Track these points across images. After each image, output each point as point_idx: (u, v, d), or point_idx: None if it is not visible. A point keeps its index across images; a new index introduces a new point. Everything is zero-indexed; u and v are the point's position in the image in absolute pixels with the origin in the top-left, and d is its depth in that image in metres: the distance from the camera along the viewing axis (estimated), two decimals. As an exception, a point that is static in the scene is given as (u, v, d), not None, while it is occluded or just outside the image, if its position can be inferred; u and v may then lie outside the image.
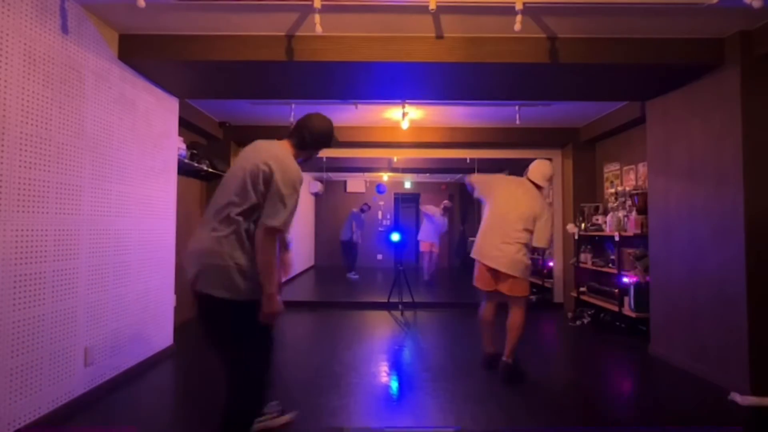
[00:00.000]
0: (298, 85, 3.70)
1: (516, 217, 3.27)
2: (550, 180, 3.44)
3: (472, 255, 3.45)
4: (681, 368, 3.51)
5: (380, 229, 11.44)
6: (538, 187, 3.40)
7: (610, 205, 5.21)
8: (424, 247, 8.45)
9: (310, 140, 2.06)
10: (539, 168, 3.45)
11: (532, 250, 3.38)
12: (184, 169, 4.60)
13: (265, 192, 1.83)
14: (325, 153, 6.41)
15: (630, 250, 4.62)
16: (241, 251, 1.83)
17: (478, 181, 3.60)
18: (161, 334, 3.75)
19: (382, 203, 11.66)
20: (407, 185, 11.25)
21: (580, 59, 3.10)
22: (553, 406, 2.86)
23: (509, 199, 3.35)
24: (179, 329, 4.13)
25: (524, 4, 2.58)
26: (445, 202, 8.58)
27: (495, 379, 3.26)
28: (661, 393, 3.09)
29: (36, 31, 2.39)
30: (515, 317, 3.27)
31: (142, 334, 3.45)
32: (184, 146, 4.44)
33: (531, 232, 3.28)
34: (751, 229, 2.97)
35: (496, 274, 3.29)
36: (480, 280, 3.42)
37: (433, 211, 8.41)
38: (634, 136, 4.95)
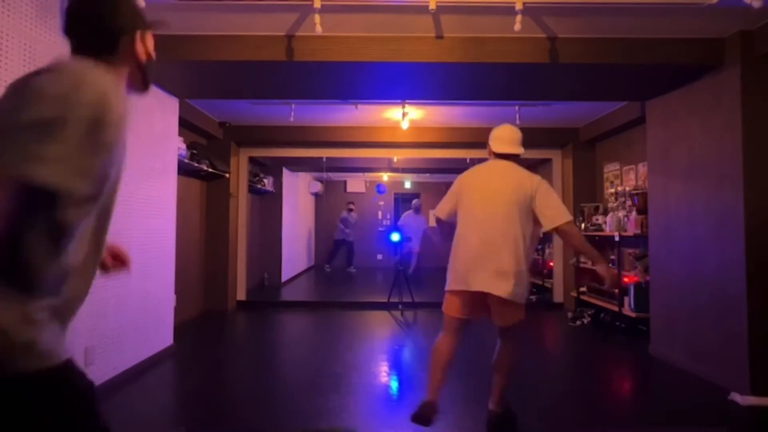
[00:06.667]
0: (298, 85, 3.70)
1: (505, 211, 2.29)
2: (521, 142, 2.48)
3: (449, 288, 2.45)
4: (681, 368, 3.50)
5: (380, 229, 11.44)
6: (514, 157, 2.47)
7: (610, 205, 5.21)
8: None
9: (105, 23, 1.02)
10: (503, 134, 2.48)
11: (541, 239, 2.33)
12: (184, 169, 4.60)
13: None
14: (325, 153, 6.49)
15: (630, 250, 4.62)
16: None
17: (442, 206, 2.58)
18: (161, 334, 3.75)
19: (382, 203, 11.66)
20: (407, 185, 11.25)
21: (580, 59, 3.10)
22: (553, 406, 2.86)
23: (486, 192, 2.37)
24: (179, 329, 4.13)
25: (524, 4, 2.58)
26: (414, 201, 9.05)
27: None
28: (661, 393, 3.09)
29: (36, 30, 2.39)
30: (510, 352, 2.43)
31: (142, 334, 3.45)
32: (184, 146, 4.44)
33: (533, 221, 2.36)
34: (751, 229, 2.96)
35: (483, 298, 2.33)
36: (455, 307, 2.41)
37: (410, 223, 8.68)
38: (634, 136, 4.95)
